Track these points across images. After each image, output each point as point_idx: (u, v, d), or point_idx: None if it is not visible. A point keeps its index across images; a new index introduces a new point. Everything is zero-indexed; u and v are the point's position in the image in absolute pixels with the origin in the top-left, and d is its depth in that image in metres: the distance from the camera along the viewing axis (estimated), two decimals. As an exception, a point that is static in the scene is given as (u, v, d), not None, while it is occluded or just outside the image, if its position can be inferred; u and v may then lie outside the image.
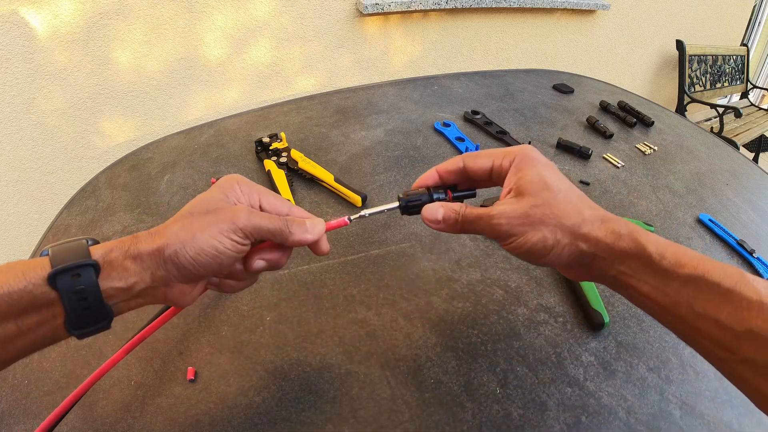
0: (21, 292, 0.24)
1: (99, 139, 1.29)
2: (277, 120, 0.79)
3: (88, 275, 0.25)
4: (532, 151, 0.33)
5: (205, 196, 0.30)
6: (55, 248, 0.26)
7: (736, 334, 0.25)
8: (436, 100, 0.89)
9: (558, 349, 0.43)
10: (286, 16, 1.39)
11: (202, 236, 0.28)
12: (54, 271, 0.24)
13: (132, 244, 0.27)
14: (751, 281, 0.25)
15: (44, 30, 1.09)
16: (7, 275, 0.24)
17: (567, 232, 0.30)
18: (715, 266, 0.26)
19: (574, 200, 0.31)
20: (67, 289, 0.25)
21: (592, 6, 2.00)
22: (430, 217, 0.34)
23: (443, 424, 0.37)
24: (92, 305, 0.26)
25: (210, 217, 0.28)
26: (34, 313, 0.24)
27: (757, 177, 0.77)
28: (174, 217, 0.30)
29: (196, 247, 0.27)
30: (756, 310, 0.24)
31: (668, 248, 0.28)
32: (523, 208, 0.30)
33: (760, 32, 3.48)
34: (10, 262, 0.25)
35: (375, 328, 0.44)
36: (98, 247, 0.27)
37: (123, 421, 0.36)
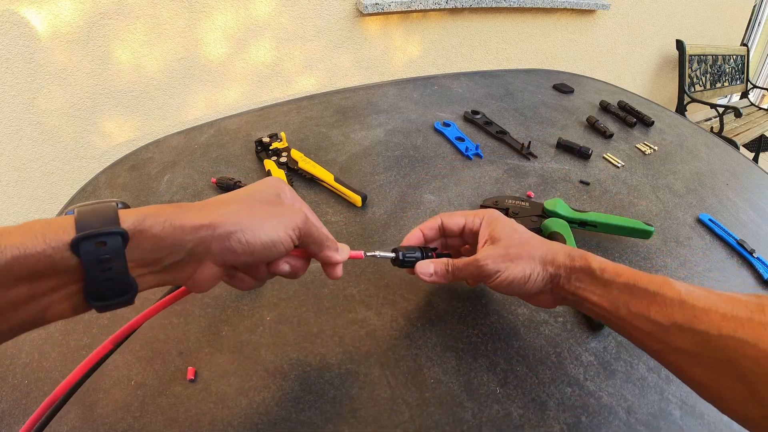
0: (39, 255, 0.22)
1: (99, 139, 1.29)
2: (277, 120, 0.79)
3: (115, 244, 0.23)
4: (497, 213, 0.42)
5: (259, 188, 0.31)
6: (82, 209, 0.24)
7: (664, 327, 0.30)
8: (436, 99, 0.89)
9: (558, 349, 0.43)
10: (286, 15, 1.39)
11: (264, 224, 0.28)
12: (78, 237, 0.22)
13: (174, 213, 0.25)
14: (674, 284, 0.30)
15: (44, 30, 1.09)
16: (25, 235, 0.22)
17: (539, 262, 0.37)
18: (644, 276, 0.32)
19: (537, 240, 0.39)
20: (90, 257, 0.22)
21: (592, 6, 2.00)
22: (423, 271, 0.40)
23: (443, 424, 0.37)
24: (116, 276, 0.24)
25: (274, 208, 0.29)
26: (51, 277, 0.22)
27: (757, 177, 0.77)
28: (224, 198, 0.29)
29: (255, 233, 0.27)
30: (677, 306, 0.29)
31: (608, 264, 0.34)
32: (502, 250, 0.37)
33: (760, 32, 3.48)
34: (30, 221, 0.23)
35: (375, 327, 0.44)
36: (130, 213, 0.24)
37: (123, 421, 0.36)
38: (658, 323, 0.30)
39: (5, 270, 0.21)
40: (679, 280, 0.31)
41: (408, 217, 0.58)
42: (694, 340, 0.28)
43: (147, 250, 0.24)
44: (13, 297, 0.22)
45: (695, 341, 0.28)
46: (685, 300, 0.29)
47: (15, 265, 0.21)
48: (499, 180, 0.67)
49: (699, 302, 0.29)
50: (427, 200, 0.62)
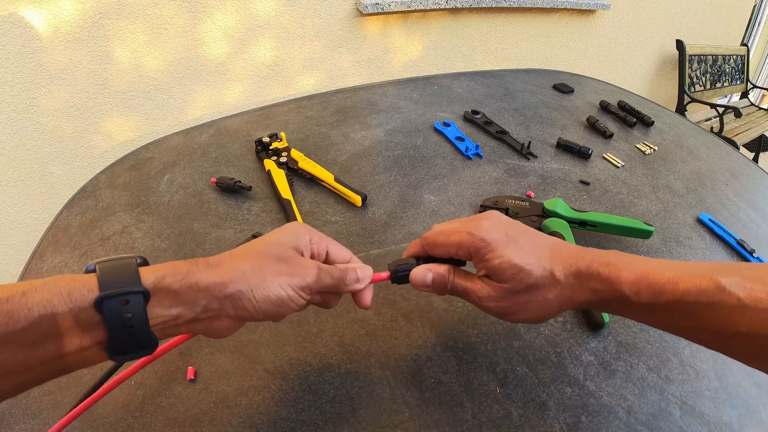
0: (65, 314, 0.23)
1: (99, 139, 1.29)
2: (277, 120, 0.79)
3: (137, 302, 0.24)
4: (484, 231, 0.33)
5: (276, 239, 0.30)
6: (104, 267, 0.25)
7: (724, 337, 0.27)
8: (436, 99, 0.89)
9: (558, 349, 0.43)
10: (287, 15, 1.39)
11: (272, 284, 0.28)
12: (102, 296, 0.23)
13: (189, 272, 0.26)
14: (728, 288, 0.26)
15: (44, 29, 1.09)
16: (52, 294, 0.23)
17: (554, 305, 0.32)
18: (688, 286, 0.27)
19: (548, 264, 0.32)
20: (114, 316, 0.24)
21: (592, 6, 2.00)
22: (419, 281, 0.35)
23: (443, 423, 0.37)
24: (137, 333, 0.25)
25: (282, 266, 0.29)
26: (76, 336, 0.24)
27: (757, 177, 0.77)
28: (238, 253, 0.29)
29: (264, 293, 0.28)
30: (738, 314, 0.25)
31: (642, 281, 0.29)
32: (505, 294, 0.32)
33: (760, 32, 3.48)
34: (55, 278, 0.24)
35: (375, 327, 0.44)
36: (149, 271, 0.26)
37: (123, 420, 0.36)
38: (718, 333, 0.27)
39: (33, 328, 0.22)
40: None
41: (408, 217, 0.58)
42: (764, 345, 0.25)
43: (166, 306, 0.26)
44: (41, 354, 0.23)
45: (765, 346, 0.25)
46: (748, 305, 0.25)
47: (42, 324, 0.22)
48: (499, 180, 0.67)
49: (763, 303, 0.25)
50: (427, 200, 0.62)
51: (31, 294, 0.22)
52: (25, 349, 0.23)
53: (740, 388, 0.41)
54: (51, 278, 0.24)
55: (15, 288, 0.23)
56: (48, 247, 0.53)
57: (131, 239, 0.53)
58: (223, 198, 0.60)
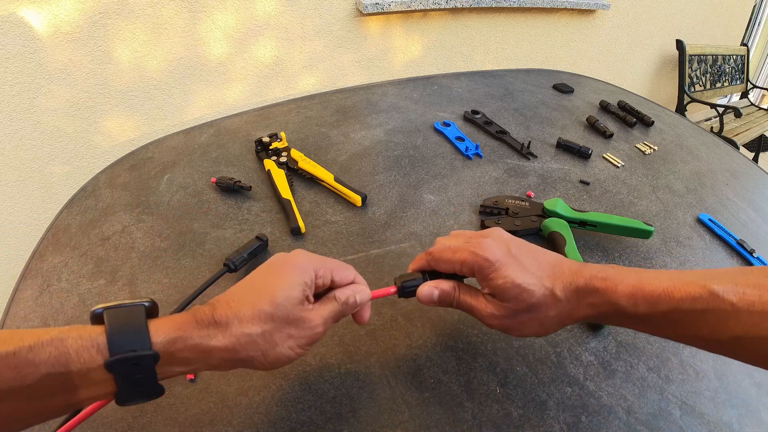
0: (73, 374, 0.24)
1: (99, 139, 1.29)
2: (277, 119, 0.79)
3: (147, 364, 0.25)
4: (487, 251, 0.33)
5: (283, 297, 0.30)
6: (112, 319, 0.26)
7: (721, 342, 0.28)
8: (436, 99, 0.89)
9: (558, 349, 0.43)
10: (287, 15, 1.39)
11: (283, 347, 0.30)
12: (112, 361, 0.24)
13: (199, 336, 0.27)
14: (721, 294, 0.27)
15: (44, 29, 1.08)
16: (59, 352, 0.23)
17: (554, 322, 0.34)
18: (683, 295, 0.28)
19: (549, 283, 0.33)
20: (124, 378, 0.25)
21: (592, 6, 2.00)
22: (425, 297, 0.36)
23: (443, 423, 0.37)
24: (146, 388, 0.26)
25: (292, 329, 0.30)
26: (85, 390, 0.25)
27: (757, 177, 0.77)
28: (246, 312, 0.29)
29: (275, 356, 0.30)
30: (733, 319, 0.26)
31: (638, 293, 0.30)
32: (508, 313, 0.33)
33: (760, 32, 3.48)
34: (60, 331, 0.24)
35: (375, 327, 0.44)
36: (159, 330, 0.26)
37: (123, 420, 0.36)
38: (714, 340, 0.28)
39: (41, 384, 0.23)
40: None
41: (408, 217, 0.58)
42: (760, 347, 0.26)
43: (175, 366, 0.27)
44: (49, 404, 0.24)
45: (762, 348, 0.26)
46: (741, 309, 0.26)
47: (51, 381, 0.23)
48: (499, 180, 0.67)
49: (756, 306, 0.26)
50: (427, 200, 0.62)
51: (37, 350, 0.23)
52: (34, 401, 0.24)
53: (740, 388, 0.41)
54: (57, 331, 0.24)
55: (21, 340, 0.23)
56: (48, 247, 0.53)
57: (131, 239, 0.53)
58: (223, 198, 0.60)
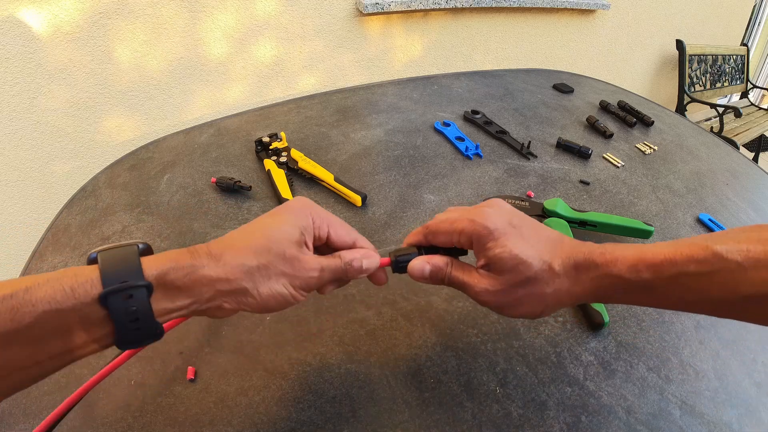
0: (70, 310, 0.23)
1: (99, 139, 1.29)
2: (277, 119, 0.79)
3: (141, 296, 0.25)
4: (487, 219, 0.32)
5: (279, 232, 0.30)
6: (105, 257, 0.25)
7: (731, 303, 0.27)
8: (436, 99, 0.89)
9: (558, 349, 0.43)
10: (287, 15, 1.39)
11: (276, 283, 0.29)
12: (105, 292, 0.24)
13: (192, 266, 0.27)
14: (725, 254, 0.26)
15: (44, 29, 1.08)
16: (55, 290, 0.23)
17: (552, 300, 0.32)
18: (686, 259, 0.27)
19: (548, 257, 0.31)
20: (119, 311, 0.24)
21: (592, 6, 2.00)
22: (417, 272, 0.34)
23: (443, 423, 0.37)
24: (143, 325, 0.25)
25: (286, 266, 0.29)
26: (83, 331, 0.24)
27: (757, 177, 0.77)
28: (240, 244, 0.29)
29: (267, 291, 0.29)
30: (740, 278, 0.26)
31: (639, 263, 0.29)
32: (503, 287, 0.32)
33: (760, 32, 3.48)
34: (57, 273, 0.24)
35: (375, 327, 0.44)
36: (151, 263, 0.26)
37: (123, 420, 0.36)
38: (725, 301, 0.27)
39: (38, 324, 0.22)
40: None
41: (408, 217, 0.58)
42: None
43: (170, 299, 0.26)
44: (49, 349, 0.24)
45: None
46: (747, 267, 0.25)
47: (48, 320, 0.23)
48: (499, 180, 0.67)
49: (762, 262, 0.25)
50: (427, 200, 0.62)
51: (34, 290, 0.23)
52: (33, 346, 0.23)
53: (740, 388, 0.41)
54: (54, 273, 0.24)
55: (19, 284, 0.23)
56: (48, 247, 0.53)
57: (131, 239, 0.53)
58: (223, 198, 0.60)
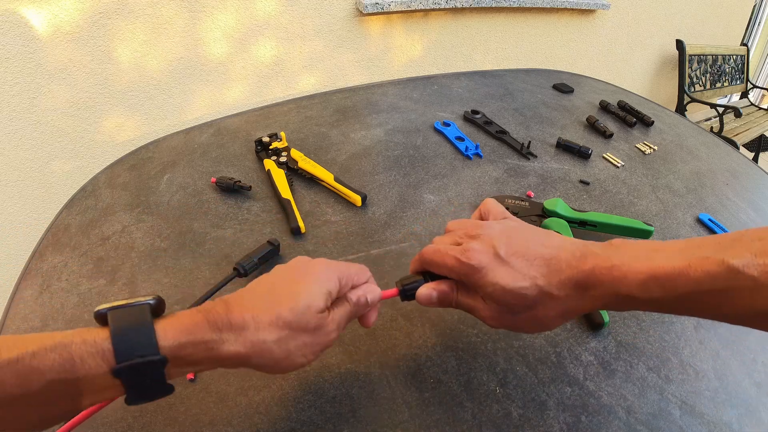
0: (81, 380, 0.23)
1: (99, 139, 1.29)
2: (277, 119, 0.79)
3: (155, 369, 0.25)
4: (472, 257, 0.32)
5: (304, 305, 0.29)
6: (117, 322, 0.25)
7: (744, 317, 0.26)
8: (436, 99, 0.89)
9: (558, 349, 0.43)
10: (287, 15, 1.39)
11: (296, 355, 0.29)
12: (118, 368, 0.23)
13: (212, 341, 0.26)
14: (742, 268, 0.24)
15: (44, 29, 1.08)
16: (63, 359, 0.23)
17: (555, 318, 0.32)
18: (699, 275, 0.26)
19: (543, 282, 0.30)
20: (132, 383, 0.24)
21: (592, 6, 2.00)
22: (424, 300, 0.35)
23: (443, 423, 0.37)
24: (155, 389, 0.26)
25: (308, 338, 0.29)
26: (92, 395, 0.24)
27: (756, 177, 0.77)
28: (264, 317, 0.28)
29: (287, 364, 0.29)
30: (757, 295, 0.24)
31: (650, 281, 0.27)
32: (506, 314, 0.32)
33: (760, 32, 3.48)
34: (64, 336, 0.24)
35: (375, 327, 0.44)
36: (168, 332, 0.25)
37: (123, 420, 0.36)
38: (738, 316, 0.26)
39: (47, 390, 0.22)
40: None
41: (408, 217, 0.58)
42: None
43: (183, 368, 0.26)
44: (56, 410, 0.24)
45: None
46: (764, 284, 0.24)
47: (57, 387, 0.23)
48: (499, 180, 0.67)
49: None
50: (427, 200, 0.62)
51: (41, 356, 0.22)
52: (40, 407, 0.23)
53: (740, 388, 0.41)
54: (60, 336, 0.24)
55: (24, 346, 0.22)
56: (48, 247, 0.53)
57: (131, 239, 0.53)
58: (223, 198, 0.60)
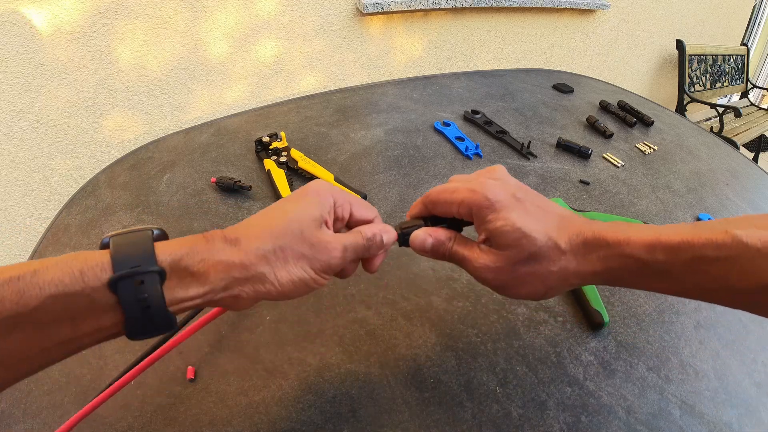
0: (78, 294, 0.22)
1: (99, 138, 1.29)
2: (277, 119, 0.78)
3: (153, 282, 0.23)
4: (488, 190, 0.30)
5: (298, 213, 0.28)
6: (118, 242, 0.24)
7: (749, 292, 0.25)
8: (436, 99, 0.89)
9: (558, 349, 0.43)
10: (287, 15, 1.39)
11: (295, 267, 0.27)
12: (116, 277, 0.22)
13: (207, 250, 0.25)
14: (745, 239, 0.24)
15: (45, 29, 1.08)
16: (63, 273, 0.22)
17: (556, 280, 0.30)
18: (704, 242, 0.25)
19: (554, 233, 0.29)
20: (129, 297, 0.23)
21: (592, 6, 2.00)
22: (418, 244, 0.33)
23: (443, 423, 0.37)
24: (155, 314, 0.24)
25: (306, 247, 0.28)
26: (92, 318, 0.23)
27: (756, 177, 0.77)
28: (257, 229, 0.27)
29: (287, 276, 0.27)
30: (760, 266, 0.24)
31: (655, 243, 0.27)
32: (504, 264, 0.30)
33: (760, 32, 3.48)
34: (67, 256, 0.23)
35: (375, 327, 0.44)
36: (166, 248, 0.24)
37: (123, 420, 0.36)
38: (743, 289, 0.25)
39: (45, 308, 0.21)
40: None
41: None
42: None
43: (184, 287, 0.25)
44: (55, 336, 0.22)
45: None
46: (766, 255, 0.24)
47: (55, 304, 0.21)
48: (499, 180, 0.67)
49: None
50: (427, 200, 0.62)
51: (42, 273, 0.21)
52: (39, 331, 0.22)
53: (740, 388, 0.41)
54: (64, 256, 0.23)
55: (27, 267, 0.22)
56: (48, 247, 0.53)
57: (131, 239, 0.53)
58: (223, 198, 0.60)
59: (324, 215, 0.29)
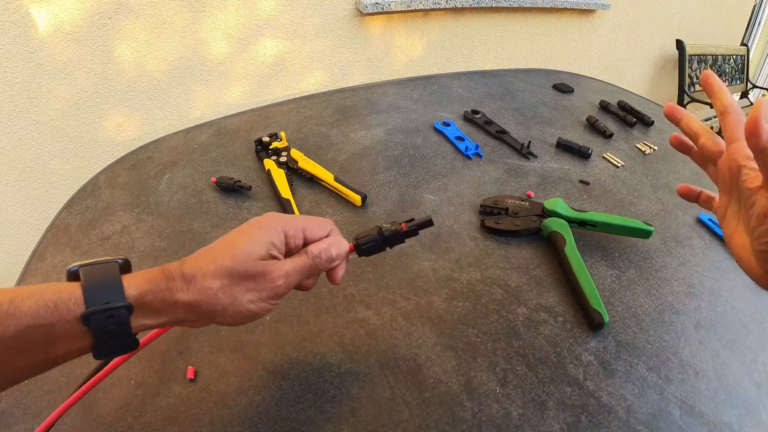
0: (53, 325, 0.24)
1: (99, 138, 1.29)
2: (277, 119, 0.79)
3: (122, 316, 0.26)
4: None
5: (244, 252, 0.30)
6: (88, 276, 0.27)
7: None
8: (436, 99, 0.89)
9: (558, 349, 0.43)
10: (287, 15, 1.39)
11: (243, 300, 0.30)
12: (87, 313, 0.25)
13: (167, 289, 0.28)
14: None
15: (45, 28, 1.08)
16: (38, 305, 0.24)
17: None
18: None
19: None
20: (100, 328, 0.26)
21: (592, 6, 2.00)
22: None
23: (443, 423, 0.37)
24: (122, 340, 0.27)
25: (250, 283, 0.30)
26: (64, 344, 0.25)
27: (757, 177, 0.77)
28: (209, 267, 0.29)
29: (236, 310, 0.30)
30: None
31: None
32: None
33: (760, 32, 3.48)
34: (40, 287, 0.25)
35: (375, 327, 0.44)
36: (132, 282, 0.27)
37: (123, 420, 0.36)
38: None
39: (22, 336, 0.24)
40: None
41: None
42: None
43: (148, 318, 0.28)
44: (30, 358, 0.25)
45: None
46: None
47: (31, 333, 0.24)
48: (499, 180, 0.67)
49: None
50: (427, 200, 0.62)
51: (18, 303, 0.24)
52: (16, 355, 0.24)
53: (740, 388, 0.41)
54: (37, 287, 0.25)
55: (2, 295, 0.24)
56: (48, 247, 0.53)
57: (131, 239, 0.53)
58: (223, 198, 0.60)
59: (270, 249, 0.31)
